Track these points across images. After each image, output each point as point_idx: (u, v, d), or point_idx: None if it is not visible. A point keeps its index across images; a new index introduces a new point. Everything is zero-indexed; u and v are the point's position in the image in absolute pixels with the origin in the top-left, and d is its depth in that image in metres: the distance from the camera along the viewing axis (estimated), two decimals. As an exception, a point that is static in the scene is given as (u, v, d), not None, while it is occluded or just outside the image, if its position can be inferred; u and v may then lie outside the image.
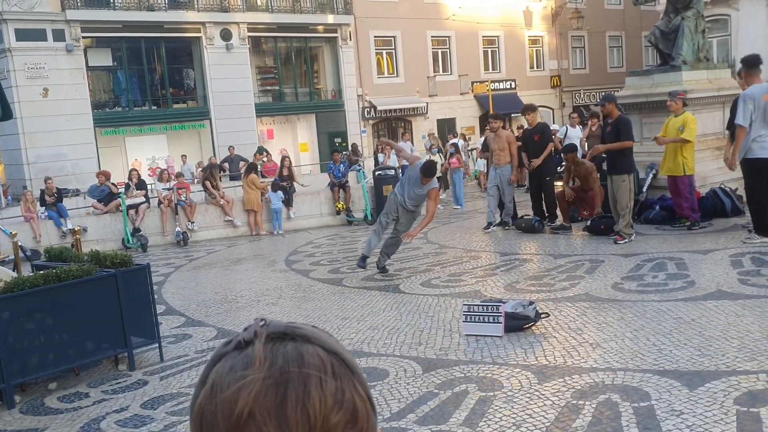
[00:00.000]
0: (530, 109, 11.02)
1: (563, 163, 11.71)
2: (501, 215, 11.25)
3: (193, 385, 4.54)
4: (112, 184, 14.43)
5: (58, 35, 19.74)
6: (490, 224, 11.13)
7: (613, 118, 8.96)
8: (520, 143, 11.76)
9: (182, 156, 21.04)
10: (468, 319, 5.59)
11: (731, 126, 9.19)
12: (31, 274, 5.57)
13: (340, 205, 14.73)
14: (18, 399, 5.10)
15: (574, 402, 4.07)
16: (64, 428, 4.52)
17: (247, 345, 0.65)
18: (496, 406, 4.13)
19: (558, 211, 10.67)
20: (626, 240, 8.78)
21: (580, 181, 10.28)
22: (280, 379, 0.61)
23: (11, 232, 7.42)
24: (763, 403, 3.79)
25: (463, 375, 4.72)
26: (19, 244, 7.53)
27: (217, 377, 0.64)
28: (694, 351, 4.72)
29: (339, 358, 0.66)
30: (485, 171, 16.46)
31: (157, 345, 5.88)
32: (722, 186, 9.91)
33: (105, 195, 13.98)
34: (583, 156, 14.11)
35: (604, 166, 11.10)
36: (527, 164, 10.93)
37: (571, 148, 10.36)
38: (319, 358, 0.64)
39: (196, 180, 17.85)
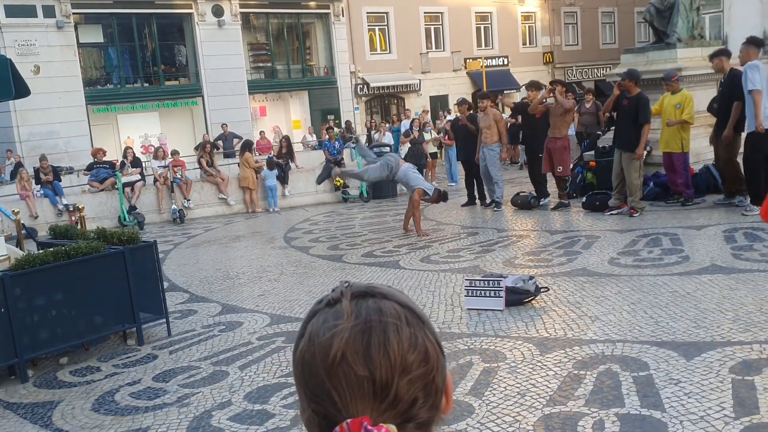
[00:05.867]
0: (534, 86, 10.97)
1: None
2: (489, 196, 11.33)
3: (203, 359, 4.65)
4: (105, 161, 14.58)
5: (48, 11, 19.50)
6: (494, 202, 11.13)
7: (632, 93, 9.00)
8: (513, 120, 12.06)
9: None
10: (470, 294, 5.73)
11: (711, 108, 9.33)
12: (41, 251, 5.63)
13: (339, 182, 14.77)
14: (30, 373, 5.21)
15: (576, 372, 4.21)
16: (80, 400, 4.63)
17: (335, 303, 0.78)
18: (501, 376, 4.27)
19: (548, 188, 10.84)
20: (639, 213, 9.01)
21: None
22: (365, 327, 0.75)
23: (13, 211, 7.45)
24: (757, 372, 3.95)
25: (467, 347, 4.86)
26: (21, 222, 7.57)
27: (313, 329, 0.78)
28: (690, 323, 4.87)
29: (411, 310, 0.79)
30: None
31: (164, 320, 5.98)
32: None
33: (104, 176, 14.00)
34: (585, 135, 14.17)
35: (600, 143, 11.24)
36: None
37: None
38: (395, 310, 0.77)
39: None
